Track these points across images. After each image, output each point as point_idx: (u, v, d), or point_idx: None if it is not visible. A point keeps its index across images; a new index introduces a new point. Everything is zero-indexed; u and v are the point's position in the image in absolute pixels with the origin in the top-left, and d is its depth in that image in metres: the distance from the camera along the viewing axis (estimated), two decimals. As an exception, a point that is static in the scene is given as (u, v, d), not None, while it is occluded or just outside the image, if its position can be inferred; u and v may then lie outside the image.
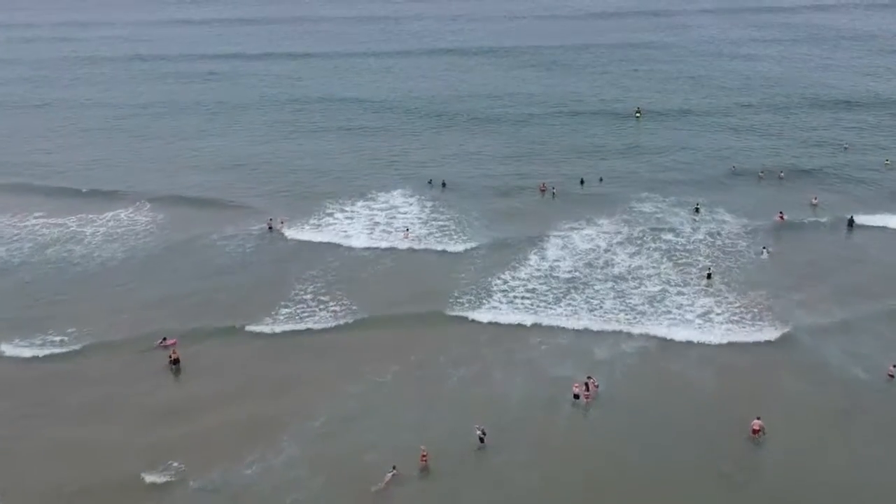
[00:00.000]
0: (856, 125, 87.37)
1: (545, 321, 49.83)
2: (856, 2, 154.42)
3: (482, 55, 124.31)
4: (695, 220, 65.04)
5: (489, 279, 55.12)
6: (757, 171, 74.81)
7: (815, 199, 67.98)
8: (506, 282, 54.98)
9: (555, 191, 70.15)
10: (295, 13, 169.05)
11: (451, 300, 52.43)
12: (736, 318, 50.15)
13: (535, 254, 59.06)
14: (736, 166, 75.58)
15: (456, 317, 50.46)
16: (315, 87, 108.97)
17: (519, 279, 55.36)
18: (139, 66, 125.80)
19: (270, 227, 63.53)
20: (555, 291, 53.58)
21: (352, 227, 64.32)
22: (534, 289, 53.96)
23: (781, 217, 64.41)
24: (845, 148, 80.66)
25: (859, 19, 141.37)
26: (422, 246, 61.00)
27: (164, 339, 47.52)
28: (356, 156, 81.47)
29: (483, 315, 50.49)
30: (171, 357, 45.88)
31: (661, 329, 48.81)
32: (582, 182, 72.81)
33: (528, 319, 49.90)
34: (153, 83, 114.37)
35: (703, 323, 49.52)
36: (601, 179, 73.49)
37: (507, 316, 50.30)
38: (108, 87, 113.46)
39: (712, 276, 55.53)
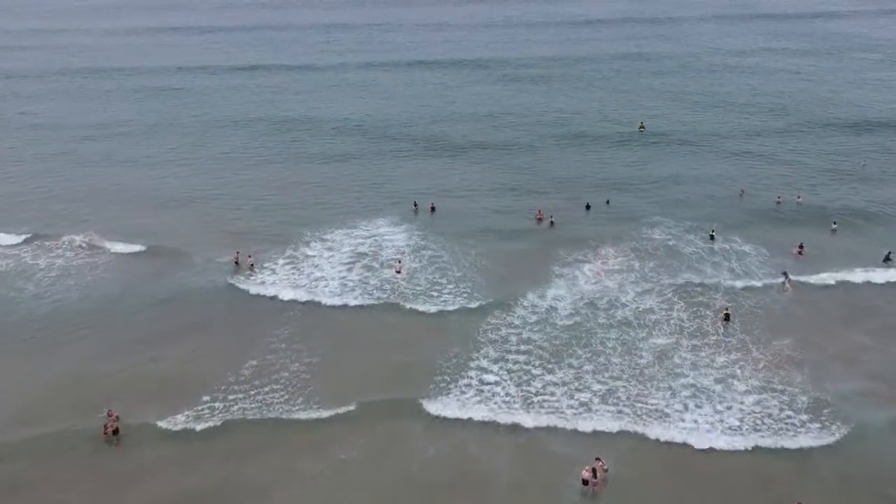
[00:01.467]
0: (876, 145, 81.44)
1: (542, 420, 40.29)
2: (870, 9, 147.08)
3: (471, 67, 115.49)
4: (711, 248, 59.29)
5: (480, 334, 48.54)
6: (768, 191, 69.39)
7: (835, 225, 62.98)
8: (498, 330, 48.85)
9: (552, 219, 63.88)
10: (264, 20, 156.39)
11: (433, 379, 43.85)
12: (762, 389, 42.59)
13: (533, 293, 53.05)
14: (745, 190, 69.73)
15: (437, 417, 40.89)
16: (289, 105, 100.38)
17: (513, 327, 49.18)
18: (92, 81, 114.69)
19: (237, 262, 57.25)
20: (554, 343, 47.35)
21: (330, 263, 57.98)
22: (530, 339, 47.74)
23: (800, 251, 58.68)
24: (863, 164, 74.77)
25: (873, 27, 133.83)
26: (409, 288, 54.72)
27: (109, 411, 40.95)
28: (336, 181, 74.27)
29: (469, 411, 40.98)
30: (108, 428, 39.54)
31: (676, 432, 39.29)
32: (588, 207, 66.90)
33: (526, 420, 40.32)
34: (108, 101, 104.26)
35: (723, 411, 40.73)
36: (608, 202, 67.71)
37: (499, 415, 40.73)
38: (55, 104, 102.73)
39: (731, 317, 49.77)
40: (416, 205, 66.98)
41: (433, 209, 66.79)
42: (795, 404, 41.17)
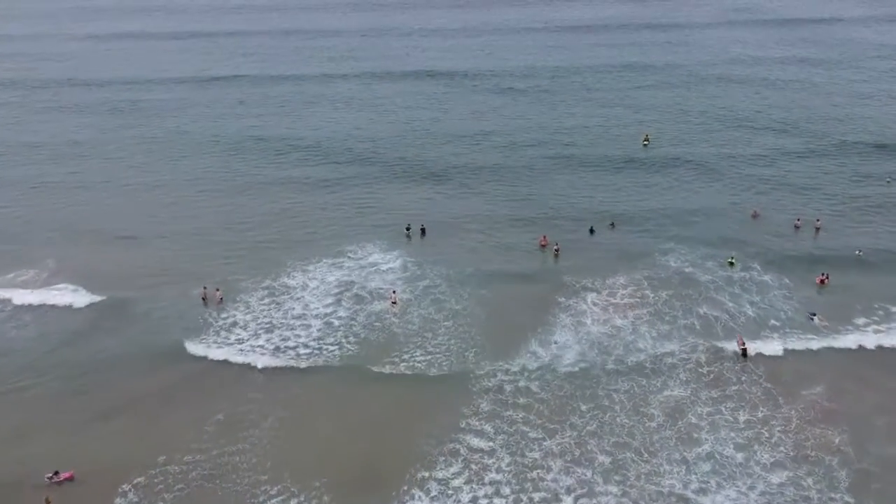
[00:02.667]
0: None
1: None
2: (882, 14, 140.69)
3: (458, 79, 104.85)
4: (729, 277, 54.56)
5: (474, 381, 43.88)
6: (782, 213, 64.31)
7: (859, 252, 58.03)
8: (494, 376, 44.21)
9: (557, 247, 58.78)
10: (236, 26, 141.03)
11: (420, 447, 39.13)
12: (794, 460, 37.43)
13: (535, 331, 48.31)
14: (758, 212, 64.63)
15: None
16: (268, 120, 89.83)
17: (511, 374, 44.30)
18: (37, 94, 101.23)
19: (205, 298, 52.23)
20: (556, 394, 42.52)
21: (315, 295, 52.99)
22: (529, 390, 42.87)
23: (824, 280, 53.88)
24: (888, 181, 69.61)
25: (888, 33, 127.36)
26: (401, 327, 49.75)
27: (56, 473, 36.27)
28: (321, 205, 67.40)
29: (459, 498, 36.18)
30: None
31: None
32: (592, 231, 61.83)
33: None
34: (58, 117, 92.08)
35: (748, 493, 35.57)
36: (612, 225, 62.66)
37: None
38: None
39: (747, 353, 45.91)
40: (408, 229, 62.05)
41: (423, 231, 61.93)
42: (835, 481, 36.03)
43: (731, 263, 56.14)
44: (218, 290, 52.56)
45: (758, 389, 42.97)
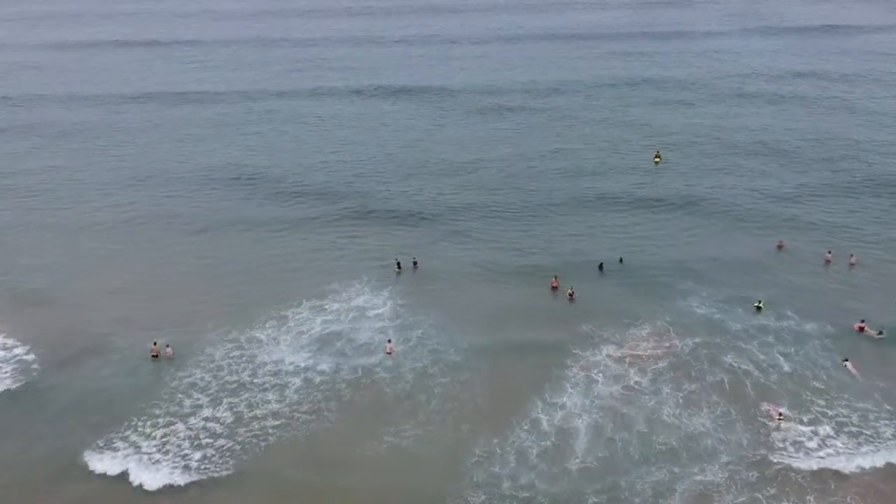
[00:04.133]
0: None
1: None
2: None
3: (443, 97, 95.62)
4: (761, 325, 48.38)
5: (467, 470, 37.36)
6: (811, 246, 58.27)
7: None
8: (489, 464, 37.66)
9: (572, 292, 52.18)
10: (195, 34, 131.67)
11: None
12: None
13: (542, 400, 41.97)
14: (784, 243, 58.45)
15: None
16: (232, 145, 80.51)
17: (509, 465, 37.71)
18: None
19: (156, 356, 45.58)
20: (564, 491, 36.00)
21: (291, 348, 46.47)
22: (531, 485, 36.33)
23: (863, 327, 47.83)
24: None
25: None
26: (391, 385, 43.40)
27: None
28: (299, 245, 59.67)
29: None
30: None
31: None
32: (601, 267, 55.55)
33: None
34: None
35: None
36: (621, 260, 56.41)
37: None
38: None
39: (784, 417, 40.03)
40: (398, 265, 55.70)
41: (415, 265, 55.72)
42: None
43: (759, 308, 50.04)
44: (168, 345, 45.82)
45: (805, 468, 37.08)
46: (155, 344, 45.74)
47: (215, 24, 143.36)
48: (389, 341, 46.37)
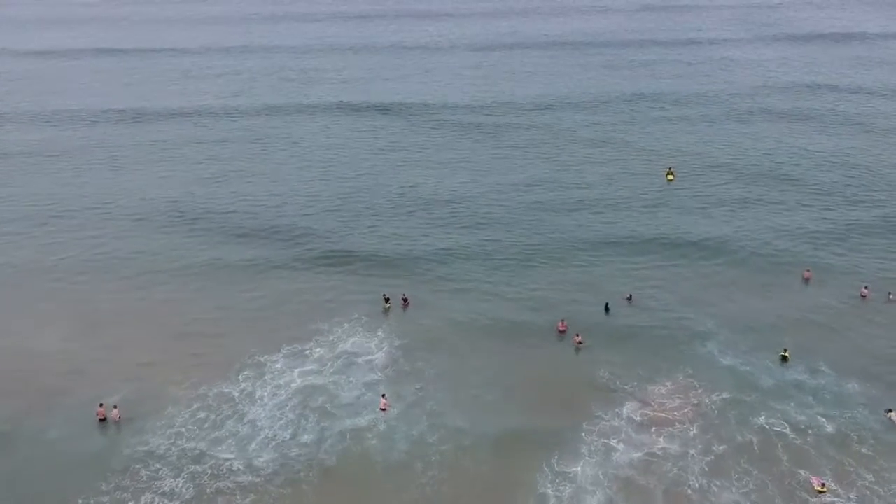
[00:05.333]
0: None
1: None
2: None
3: (437, 113, 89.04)
4: (796, 380, 43.28)
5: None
6: (841, 279, 53.35)
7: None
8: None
9: (580, 339, 46.82)
10: (160, 41, 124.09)
11: None
12: None
13: (551, 466, 36.79)
14: (811, 273, 53.76)
15: None
16: (183, 174, 72.39)
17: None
18: None
19: (103, 419, 39.84)
20: None
21: (266, 410, 40.77)
22: None
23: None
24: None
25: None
26: (381, 457, 37.83)
27: None
28: (276, 287, 53.00)
29: None
30: None
31: None
32: (607, 309, 50.22)
33: None
34: None
35: None
36: (630, 298, 51.26)
37: None
38: None
39: (825, 488, 35.29)
40: (387, 300, 50.34)
41: (405, 302, 50.50)
42: None
43: (784, 357, 44.97)
44: (115, 406, 40.04)
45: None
46: (101, 405, 39.95)
47: (167, 29, 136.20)
48: (383, 396, 41.16)
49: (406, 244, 58.74)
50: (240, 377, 42.95)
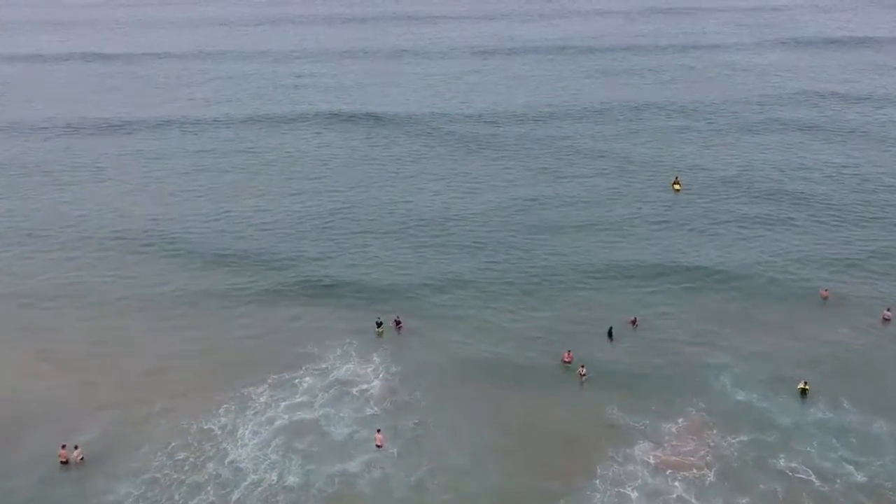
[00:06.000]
0: None
1: None
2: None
3: (427, 124, 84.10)
4: (818, 419, 40.36)
5: None
6: (863, 301, 50.41)
7: None
8: None
9: (584, 372, 43.70)
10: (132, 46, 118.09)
11: None
12: None
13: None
14: (829, 292, 51.00)
15: None
16: (153, 194, 67.19)
17: None
18: None
19: (65, 462, 36.49)
20: None
21: (247, 450, 37.57)
22: None
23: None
24: None
25: None
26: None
27: None
28: (257, 315, 49.37)
29: None
30: None
31: None
32: (610, 334, 47.24)
33: None
34: None
35: None
36: (635, 322, 48.26)
37: None
38: None
39: None
40: (379, 325, 47.42)
41: (398, 325, 47.57)
42: None
43: (804, 391, 42.19)
44: (77, 447, 36.69)
45: None
46: (63, 447, 36.54)
47: (150, 33, 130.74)
48: (379, 431, 38.21)
49: (399, 267, 55.01)
50: (221, 411, 39.78)
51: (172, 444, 37.48)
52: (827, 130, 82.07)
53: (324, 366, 43.90)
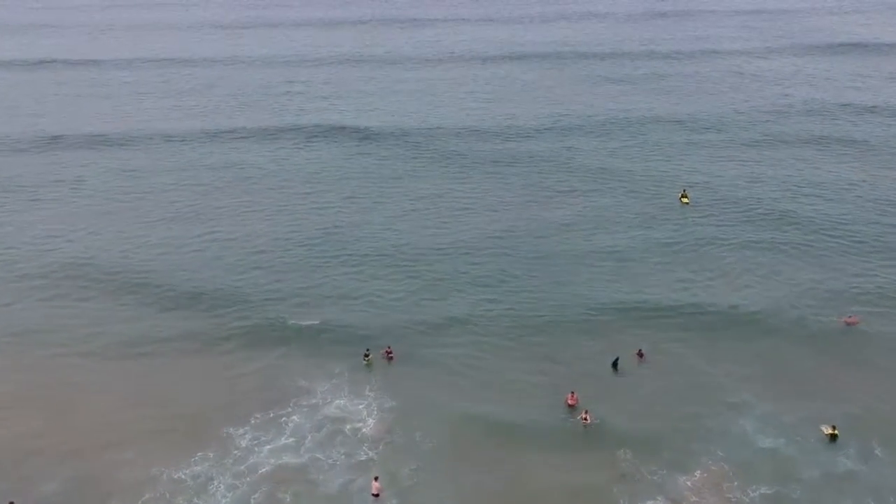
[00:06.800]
0: None
1: None
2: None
3: (416, 139, 79.70)
4: (848, 469, 37.02)
5: None
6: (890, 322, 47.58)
7: None
8: None
9: (587, 417, 40.17)
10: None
11: None
12: None
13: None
14: (856, 317, 47.98)
15: None
16: (98, 231, 60.46)
17: None
18: None
19: None
20: None
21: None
22: None
23: None
24: None
25: None
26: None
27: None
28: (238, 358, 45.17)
29: None
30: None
31: None
32: (615, 365, 44.12)
33: None
34: None
35: None
36: (641, 353, 45.05)
37: None
38: None
39: None
40: (367, 356, 44.48)
41: (389, 357, 44.61)
42: None
43: (833, 436, 38.92)
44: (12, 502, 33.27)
45: None
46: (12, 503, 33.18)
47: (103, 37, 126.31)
48: (376, 479, 35.15)
49: (391, 299, 51.02)
50: (196, 457, 36.46)
51: (145, 495, 34.13)
52: (840, 144, 78.31)
53: (313, 401, 40.87)
